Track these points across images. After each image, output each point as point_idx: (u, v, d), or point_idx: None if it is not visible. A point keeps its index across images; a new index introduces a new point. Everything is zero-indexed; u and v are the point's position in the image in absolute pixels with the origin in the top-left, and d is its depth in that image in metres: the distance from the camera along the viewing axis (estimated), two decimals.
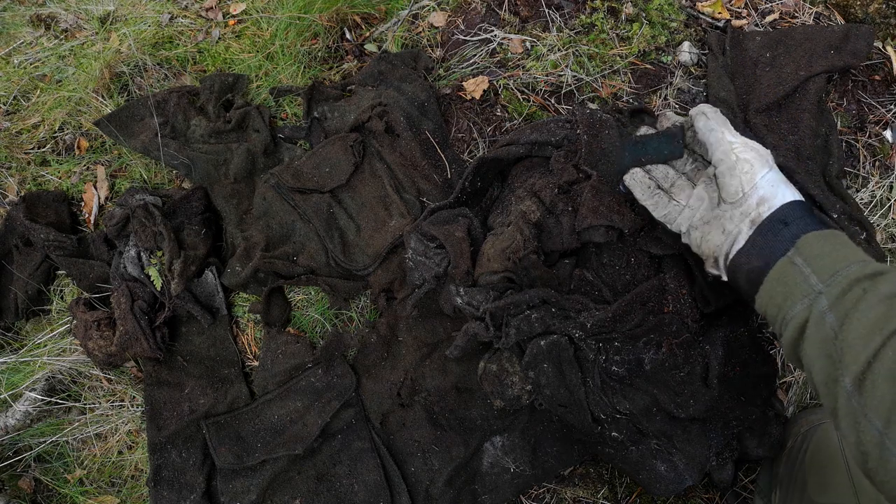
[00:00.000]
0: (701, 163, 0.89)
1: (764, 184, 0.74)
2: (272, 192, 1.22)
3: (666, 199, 0.86)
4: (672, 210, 0.84)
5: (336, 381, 1.11)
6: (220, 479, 1.09)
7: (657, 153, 0.89)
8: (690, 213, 0.82)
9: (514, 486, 1.05)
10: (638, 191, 0.88)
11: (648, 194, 0.87)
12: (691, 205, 0.82)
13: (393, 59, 1.33)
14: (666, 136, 0.89)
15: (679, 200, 0.85)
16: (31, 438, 1.20)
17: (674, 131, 0.88)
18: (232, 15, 1.53)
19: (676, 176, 0.88)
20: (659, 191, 0.87)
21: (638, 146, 0.90)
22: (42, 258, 1.27)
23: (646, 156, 0.90)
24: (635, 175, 0.89)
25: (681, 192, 0.86)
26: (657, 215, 0.86)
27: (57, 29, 1.61)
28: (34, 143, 1.44)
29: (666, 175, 0.89)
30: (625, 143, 0.90)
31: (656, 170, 0.90)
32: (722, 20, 1.28)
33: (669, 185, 0.88)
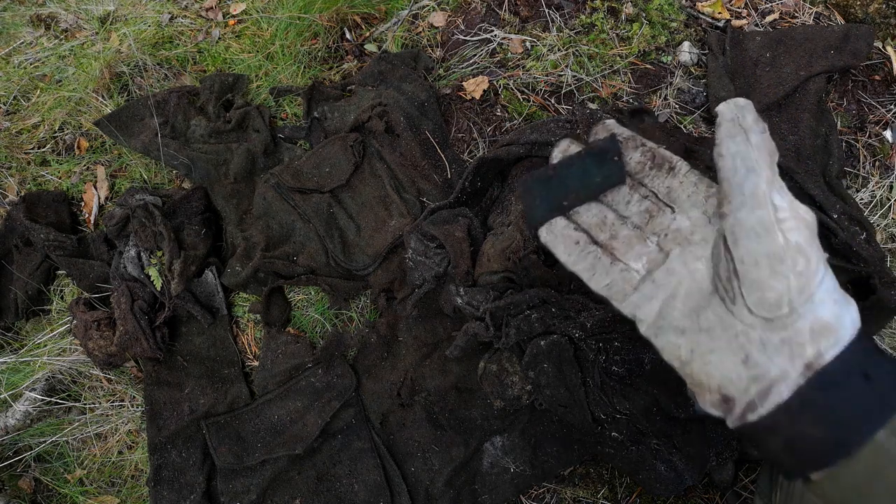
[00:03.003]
0: (655, 201, 0.52)
1: (825, 297, 0.42)
2: (272, 192, 1.22)
3: (606, 260, 0.51)
4: (618, 279, 0.50)
5: (336, 381, 1.11)
6: (220, 478, 1.09)
7: (584, 185, 0.53)
8: (656, 294, 0.48)
9: (514, 486, 1.05)
10: (561, 250, 0.53)
11: (577, 254, 0.52)
12: (657, 279, 0.48)
13: (393, 59, 1.33)
14: (594, 155, 0.53)
15: (627, 262, 0.51)
16: (31, 438, 1.20)
17: (605, 146, 0.52)
18: (232, 15, 1.53)
19: (617, 221, 0.52)
20: (593, 247, 0.52)
21: (554, 181, 0.54)
22: (42, 258, 1.27)
23: (568, 192, 0.54)
24: (554, 227, 0.53)
25: (627, 247, 0.51)
26: (596, 287, 0.51)
27: (57, 29, 1.61)
28: (34, 143, 1.44)
29: (602, 220, 0.53)
30: (534, 178, 0.54)
31: (586, 212, 0.54)
32: (722, 20, 1.28)
33: (608, 237, 0.52)
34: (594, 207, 0.53)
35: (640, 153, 0.51)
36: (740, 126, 0.42)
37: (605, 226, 0.52)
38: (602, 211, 0.53)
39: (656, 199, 0.51)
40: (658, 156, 0.50)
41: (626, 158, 0.51)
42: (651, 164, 0.50)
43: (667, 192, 0.50)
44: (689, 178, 0.49)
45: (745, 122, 0.42)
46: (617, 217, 0.52)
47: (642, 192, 0.51)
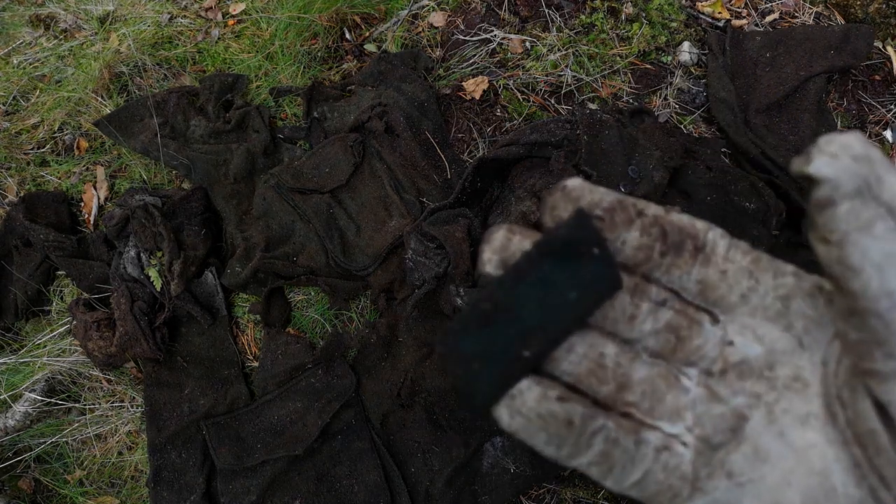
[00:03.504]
0: (681, 307, 0.26)
1: None
2: (272, 193, 1.22)
3: (627, 438, 0.24)
4: (655, 470, 0.25)
5: (336, 382, 1.11)
6: (220, 479, 1.09)
7: (551, 311, 0.24)
8: (737, 499, 0.25)
9: (514, 486, 1.05)
10: (543, 441, 0.24)
11: (574, 442, 0.24)
12: (735, 468, 0.25)
13: (393, 60, 1.32)
14: (559, 253, 0.24)
15: (659, 426, 0.25)
16: (31, 439, 1.20)
17: (574, 234, 0.24)
18: (231, 15, 1.53)
19: (623, 354, 0.26)
20: (598, 420, 0.24)
21: (498, 318, 0.24)
22: (42, 259, 1.27)
23: (528, 332, 0.24)
24: (520, 403, 0.24)
25: (654, 400, 0.26)
26: (620, 488, 0.25)
27: (56, 29, 1.61)
28: (34, 144, 1.44)
29: (597, 362, 0.26)
30: (460, 327, 0.24)
31: (567, 356, 0.25)
32: (722, 20, 1.28)
33: (614, 389, 0.26)
34: (578, 342, 0.26)
35: (640, 231, 0.25)
36: (878, 202, 0.20)
37: (604, 371, 0.26)
38: (594, 345, 0.26)
39: (682, 304, 0.26)
40: (671, 229, 0.25)
41: (614, 246, 0.26)
42: (662, 248, 0.25)
43: (699, 289, 0.26)
44: (735, 262, 0.25)
45: (887, 192, 0.20)
46: (620, 349, 0.26)
47: (654, 296, 0.26)
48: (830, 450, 0.24)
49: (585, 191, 0.25)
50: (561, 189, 0.26)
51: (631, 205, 0.25)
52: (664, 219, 0.25)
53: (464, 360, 0.25)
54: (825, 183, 0.21)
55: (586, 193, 0.25)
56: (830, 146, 0.21)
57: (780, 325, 0.26)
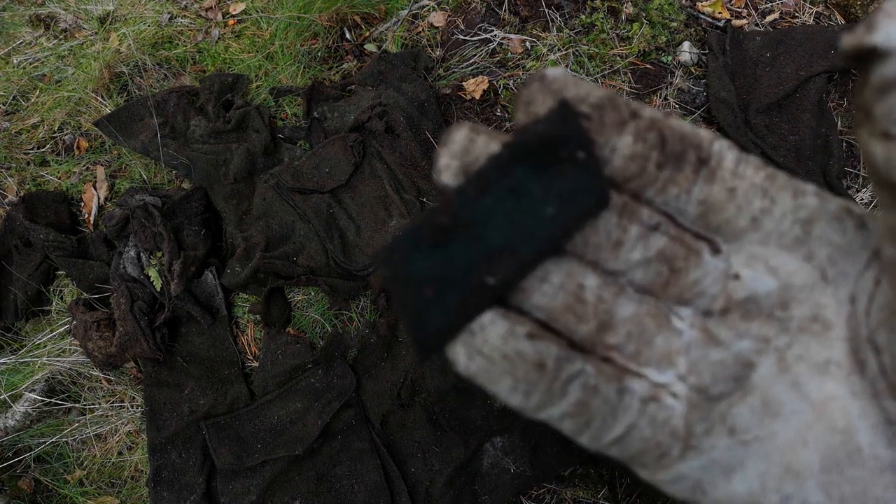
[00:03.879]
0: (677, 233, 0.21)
1: None
2: (272, 193, 1.22)
3: (608, 386, 0.20)
4: (641, 425, 0.21)
5: (336, 382, 1.11)
6: (220, 479, 1.09)
7: (522, 230, 0.19)
8: (742, 459, 0.21)
9: (514, 486, 1.05)
10: (507, 387, 0.20)
11: (546, 389, 0.20)
12: (738, 424, 0.21)
13: (393, 59, 1.32)
14: (535, 155, 0.20)
15: (646, 374, 0.21)
16: (31, 439, 1.20)
17: (555, 132, 0.19)
18: (231, 15, 1.53)
19: (606, 287, 0.21)
20: (575, 364, 0.20)
21: (456, 236, 0.19)
22: (42, 258, 1.27)
23: (493, 253, 0.19)
24: (481, 341, 0.20)
25: (640, 343, 0.21)
26: (596, 445, 0.21)
27: (56, 29, 1.61)
28: (34, 144, 1.44)
29: (575, 295, 0.20)
30: (409, 240, 0.19)
31: (540, 286, 0.20)
32: (722, 20, 1.28)
33: (594, 328, 0.20)
34: (553, 270, 0.21)
35: (634, 136, 0.20)
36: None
37: (583, 306, 0.21)
38: (572, 274, 0.21)
39: (678, 230, 0.21)
40: (671, 136, 0.21)
41: (603, 153, 0.21)
42: (659, 158, 0.21)
43: (700, 211, 0.21)
44: (745, 178, 0.21)
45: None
46: (603, 281, 0.21)
47: (646, 218, 0.21)
48: (855, 403, 0.20)
49: (569, 83, 0.20)
50: (539, 79, 0.20)
51: (624, 103, 0.20)
52: (663, 123, 0.20)
53: (413, 284, 0.20)
54: (891, 57, 0.16)
55: (570, 86, 0.20)
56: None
57: (799, 255, 0.21)
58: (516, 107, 0.21)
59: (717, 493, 0.21)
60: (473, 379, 0.21)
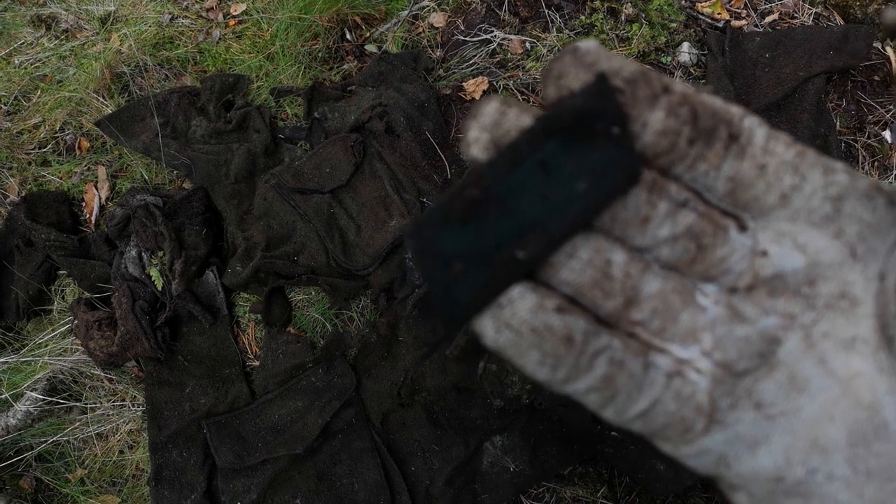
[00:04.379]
0: (706, 210, 0.21)
1: None
2: (273, 193, 1.22)
3: (635, 361, 0.21)
4: (667, 399, 0.21)
5: (336, 381, 1.11)
6: (221, 478, 1.09)
7: (553, 205, 0.20)
8: (767, 434, 0.21)
9: (513, 485, 1.05)
10: (535, 361, 0.20)
11: (573, 363, 0.20)
12: (764, 398, 0.21)
13: (393, 60, 1.33)
14: (568, 129, 0.20)
15: (671, 350, 0.21)
16: (33, 438, 1.20)
17: (590, 105, 0.19)
18: (232, 15, 1.53)
19: (633, 264, 0.21)
20: (602, 338, 0.20)
21: (486, 210, 0.20)
22: (43, 258, 1.28)
23: (524, 229, 0.20)
24: (510, 314, 0.20)
25: (665, 320, 0.21)
26: (621, 420, 0.21)
27: (58, 29, 1.61)
28: (35, 144, 1.44)
29: (602, 271, 0.21)
30: (438, 217, 0.20)
31: (568, 262, 0.20)
32: (721, 21, 1.28)
33: (621, 304, 0.21)
34: (582, 246, 0.21)
35: (666, 111, 0.20)
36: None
37: (610, 282, 0.21)
38: (600, 250, 0.21)
39: (706, 207, 0.22)
40: (703, 112, 0.20)
41: (636, 127, 0.20)
42: (691, 133, 0.20)
43: (728, 188, 0.21)
44: (776, 154, 0.21)
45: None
46: (630, 257, 0.22)
47: (675, 195, 0.21)
48: (882, 379, 0.21)
49: (602, 56, 0.20)
50: (572, 52, 0.20)
51: (656, 78, 0.20)
52: (695, 98, 0.20)
53: (442, 259, 0.20)
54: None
55: (603, 59, 0.20)
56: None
57: (829, 232, 0.21)
58: (546, 80, 0.21)
59: (741, 467, 0.21)
60: (501, 352, 0.21)
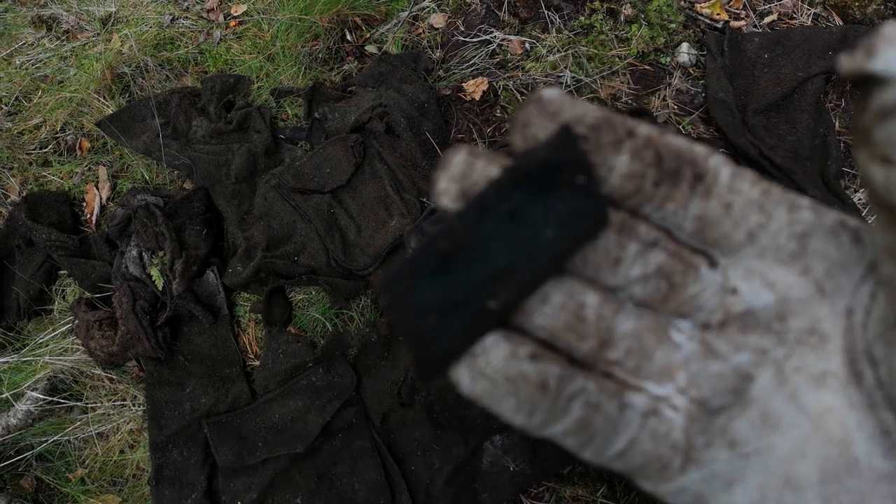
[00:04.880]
0: (675, 249, 0.22)
1: None
2: (273, 193, 1.22)
3: (610, 402, 0.21)
4: (643, 439, 0.21)
5: (337, 381, 1.12)
6: (222, 477, 1.09)
7: (524, 252, 0.20)
8: (741, 472, 0.21)
9: (513, 484, 1.05)
10: (511, 408, 0.20)
11: (549, 409, 0.20)
12: (739, 436, 0.21)
13: (393, 61, 1.33)
14: (536, 178, 0.20)
15: (647, 388, 0.21)
16: (33, 438, 1.20)
17: (556, 156, 0.20)
18: (233, 16, 1.54)
19: (606, 305, 0.21)
20: (577, 382, 0.20)
21: (458, 260, 0.20)
22: (44, 258, 1.28)
23: (495, 277, 0.20)
24: (484, 363, 0.20)
25: (640, 359, 0.21)
26: (599, 459, 0.22)
27: (58, 30, 1.62)
28: (36, 144, 1.44)
29: (576, 314, 0.21)
30: (410, 267, 0.20)
31: (541, 307, 0.21)
32: (720, 21, 1.28)
33: (596, 346, 0.21)
34: (554, 291, 0.22)
35: (630, 155, 0.21)
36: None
37: (584, 325, 0.22)
38: (572, 293, 0.22)
39: (675, 246, 0.22)
40: (667, 154, 0.21)
41: (602, 171, 0.21)
42: (656, 176, 0.21)
43: (696, 227, 0.22)
44: (741, 193, 0.22)
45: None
46: (603, 298, 0.22)
47: (644, 235, 0.22)
48: (852, 415, 0.21)
49: (566, 103, 0.21)
50: (535, 101, 0.21)
51: (620, 122, 0.21)
52: (659, 141, 0.21)
53: (417, 312, 0.20)
54: (893, 83, 0.16)
55: (567, 106, 0.21)
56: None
57: (796, 269, 0.22)
58: (513, 129, 0.21)
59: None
60: (477, 400, 0.21)
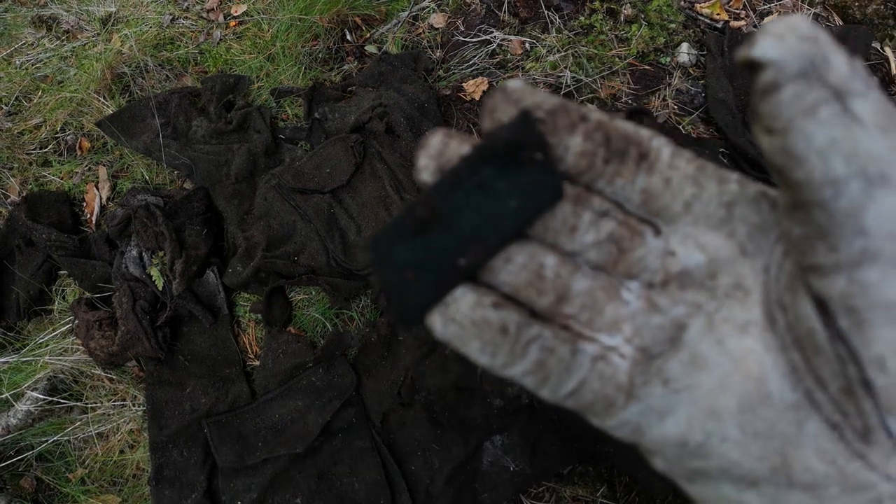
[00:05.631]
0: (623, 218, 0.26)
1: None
2: (273, 193, 1.22)
3: (563, 347, 0.24)
4: (591, 379, 0.25)
5: (337, 381, 1.12)
6: (222, 477, 1.09)
7: (490, 219, 0.24)
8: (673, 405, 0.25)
9: (513, 484, 1.05)
10: (476, 349, 0.24)
11: (509, 351, 0.24)
12: (672, 375, 0.25)
13: (393, 61, 1.33)
14: (499, 157, 0.24)
15: (598, 338, 0.25)
16: (33, 438, 1.20)
17: (516, 136, 0.24)
18: (233, 16, 1.54)
19: (564, 266, 0.25)
20: (534, 328, 0.24)
21: (433, 226, 0.24)
22: (44, 258, 1.28)
23: (465, 240, 0.24)
24: (455, 310, 0.24)
25: (592, 312, 0.25)
26: (554, 397, 0.25)
27: (58, 30, 1.62)
28: (36, 144, 1.44)
29: (537, 273, 0.25)
30: (391, 233, 0.24)
31: (506, 265, 0.25)
32: (720, 21, 1.29)
33: (554, 300, 0.25)
34: (517, 252, 0.25)
35: (583, 136, 0.24)
36: (824, 84, 0.19)
37: (543, 282, 0.25)
38: (533, 255, 0.25)
39: (624, 216, 0.26)
40: (615, 136, 0.25)
41: (557, 152, 0.25)
42: (606, 154, 0.25)
43: (642, 199, 0.25)
44: (679, 169, 0.25)
45: (833, 74, 0.19)
46: (561, 260, 0.26)
47: (597, 206, 0.25)
48: (768, 356, 0.24)
49: (527, 92, 0.24)
50: (501, 90, 0.24)
51: (574, 109, 0.24)
52: (608, 125, 0.25)
53: (396, 269, 0.24)
54: (770, 66, 0.20)
55: (527, 95, 0.24)
56: (777, 27, 0.20)
57: (723, 233, 0.26)
58: (482, 114, 0.25)
59: (653, 434, 0.26)
60: (448, 343, 0.24)
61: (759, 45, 0.19)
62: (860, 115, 0.19)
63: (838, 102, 0.19)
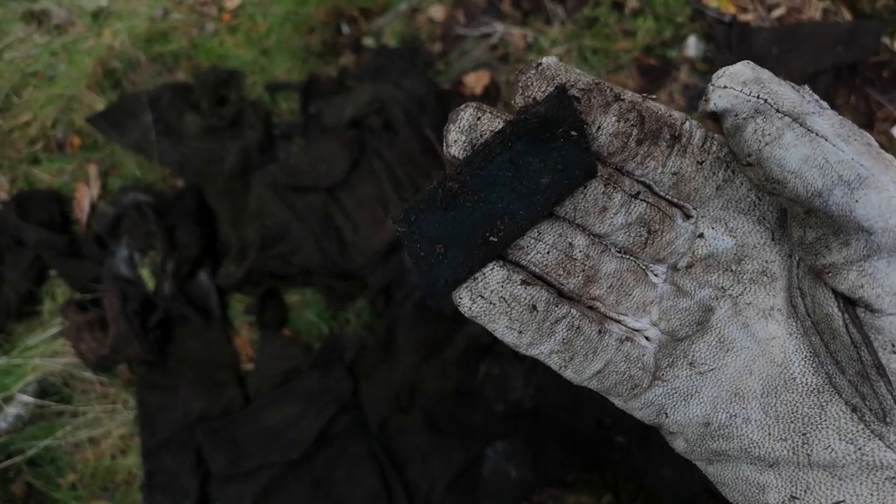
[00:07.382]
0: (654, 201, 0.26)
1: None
2: (267, 191, 1.20)
3: (591, 327, 0.26)
4: (617, 360, 0.27)
5: (333, 385, 1.09)
6: (215, 484, 1.07)
7: (521, 194, 0.25)
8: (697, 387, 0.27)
9: (515, 491, 1.03)
10: (504, 326, 0.26)
11: (536, 329, 0.26)
12: (697, 358, 0.27)
13: (391, 54, 1.31)
14: (533, 131, 0.24)
15: (624, 322, 0.27)
16: (23, 442, 1.18)
17: (552, 112, 0.24)
18: (227, 9, 1.51)
19: (593, 248, 0.26)
20: (562, 308, 0.26)
21: (463, 200, 0.25)
22: (34, 258, 1.25)
23: (495, 216, 0.25)
24: (483, 287, 0.25)
25: (620, 294, 0.27)
26: (579, 379, 0.27)
27: (49, 24, 1.59)
28: (26, 141, 1.41)
29: (565, 254, 0.26)
30: (422, 205, 0.25)
31: (535, 244, 0.26)
32: (728, 15, 1.25)
33: (582, 282, 0.26)
34: (547, 231, 0.25)
35: (617, 116, 0.24)
36: (780, 112, 0.21)
37: (572, 263, 0.25)
38: (563, 235, 0.25)
39: (655, 198, 0.25)
40: (649, 117, 0.24)
41: (591, 130, 0.24)
42: (639, 134, 0.24)
43: (674, 181, 0.25)
44: (711, 152, 0.24)
45: (785, 103, 0.21)
46: (590, 241, 0.25)
47: (628, 188, 0.25)
48: (791, 341, 0.25)
49: (561, 69, 0.24)
50: (535, 67, 0.24)
51: (608, 88, 0.24)
52: (642, 105, 0.24)
53: (426, 242, 0.25)
54: (726, 115, 0.22)
55: (562, 72, 0.24)
56: (720, 80, 0.22)
57: (754, 218, 0.26)
58: (514, 90, 0.24)
59: (677, 416, 0.26)
60: (476, 319, 0.25)
61: (710, 100, 0.22)
62: (821, 130, 0.21)
63: (799, 124, 0.21)
